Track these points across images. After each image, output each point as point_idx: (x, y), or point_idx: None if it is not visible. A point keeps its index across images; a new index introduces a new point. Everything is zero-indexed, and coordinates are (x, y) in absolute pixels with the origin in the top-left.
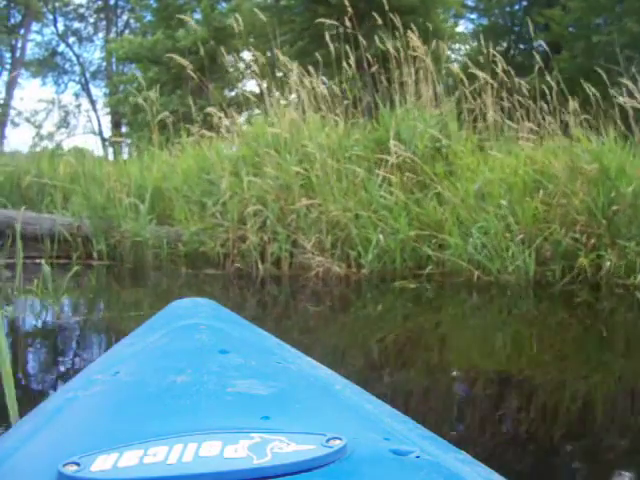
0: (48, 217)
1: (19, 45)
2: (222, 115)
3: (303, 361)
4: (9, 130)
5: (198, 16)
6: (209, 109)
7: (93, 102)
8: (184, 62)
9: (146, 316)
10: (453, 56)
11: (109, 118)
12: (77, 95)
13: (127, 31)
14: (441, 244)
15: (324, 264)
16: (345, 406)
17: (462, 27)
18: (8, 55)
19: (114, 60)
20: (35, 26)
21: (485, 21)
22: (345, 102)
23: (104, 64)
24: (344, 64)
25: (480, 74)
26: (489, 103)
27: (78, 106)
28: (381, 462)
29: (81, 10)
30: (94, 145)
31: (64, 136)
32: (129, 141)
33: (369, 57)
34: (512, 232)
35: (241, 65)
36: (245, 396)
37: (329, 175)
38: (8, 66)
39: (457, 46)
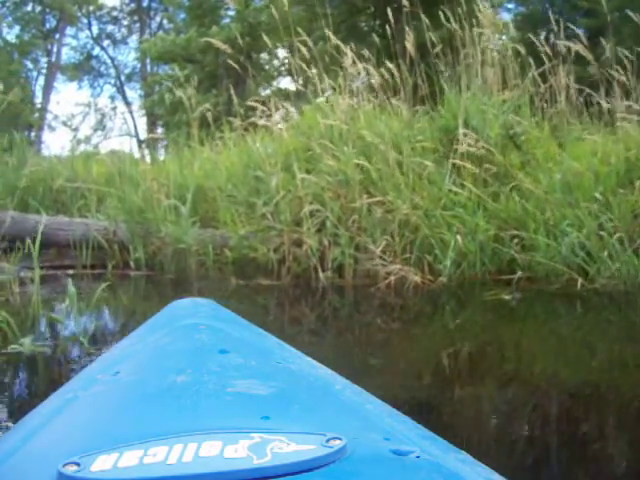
0: (81, 222)
1: (55, 49)
2: (270, 107)
3: (303, 361)
4: (46, 134)
5: (232, 12)
6: (251, 102)
7: (128, 104)
8: (221, 45)
9: None
10: (491, 46)
11: (145, 120)
12: (113, 98)
13: (160, 32)
14: (524, 245)
15: (397, 272)
16: (345, 406)
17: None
18: (44, 60)
19: (148, 62)
20: (70, 30)
21: (523, 9)
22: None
23: (139, 66)
24: (387, 53)
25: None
26: (563, 84)
27: (114, 109)
28: (381, 462)
29: (114, 13)
30: (130, 147)
31: (101, 139)
32: (166, 142)
33: (432, 37)
34: (607, 230)
35: (275, 62)
36: (245, 396)
37: (393, 168)
38: (44, 70)
39: (497, 36)
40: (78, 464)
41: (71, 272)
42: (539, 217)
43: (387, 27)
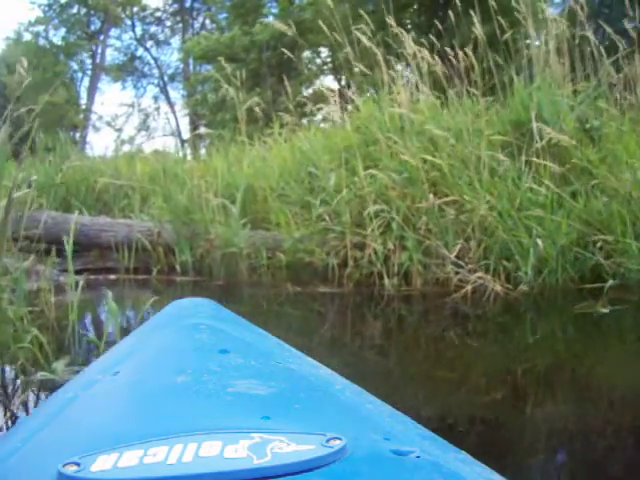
0: (124, 223)
1: (99, 51)
2: (333, 95)
3: (303, 361)
4: (91, 135)
5: (275, 10)
6: (301, 98)
7: (172, 104)
8: (282, 27)
9: None
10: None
11: (187, 120)
12: (156, 98)
13: (203, 32)
14: (611, 249)
15: (475, 280)
16: (345, 406)
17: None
18: (89, 61)
19: (191, 62)
20: (114, 32)
21: (571, 3)
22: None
23: (181, 66)
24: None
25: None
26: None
27: (157, 109)
28: (381, 462)
29: (158, 14)
30: (173, 147)
31: (144, 139)
32: (208, 141)
33: (502, 23)
34: None
35: (318, 60)
36: (245, 396)
37: (466, 164)
38: (89, 72)
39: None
40: (78, 464)
41: (113, 277)
42: (626, 218)
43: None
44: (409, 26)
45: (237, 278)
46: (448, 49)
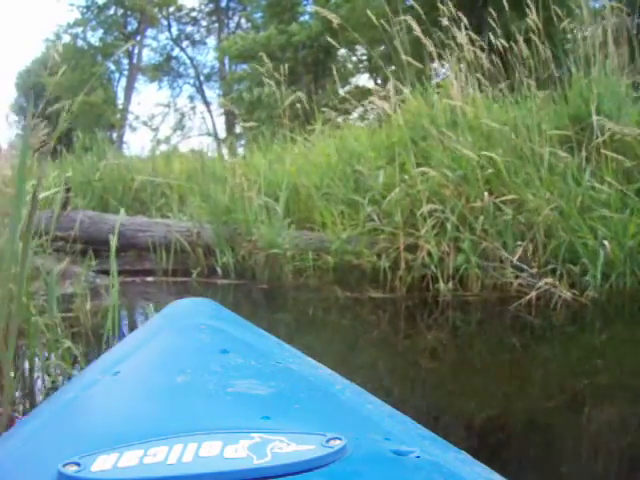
0: (162, 222)
1: (136, 51)
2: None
3: (303, 361)
4: (128, 134)
5: (311, 9)
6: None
7: (207, 104)
8: (332, 16)
9: None
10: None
11: (223, 119)
12: (192, 97)
13: (239, 31)
14: None
15: (541, 285)
16: (345, 406)
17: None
18: (126, 61)
19: (227, 61)
20: (150, 32)
21: None
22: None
23: (217, 66)
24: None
25: None
26: None
27: (193, 108)
28: (381, 462)
29: (193, 14)
30: (209, 146)
31: (180, 138)
32: (244, 140)
33: (558, 12)
34: None
35: (354, 59)
36: (245, 396)
37: (525, 161)
38: (126, 72)
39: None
40: (78, 464)
41: (151, 279)
42: None
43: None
44: (446, 22)
45: (281, 281)
46: (501, 41)
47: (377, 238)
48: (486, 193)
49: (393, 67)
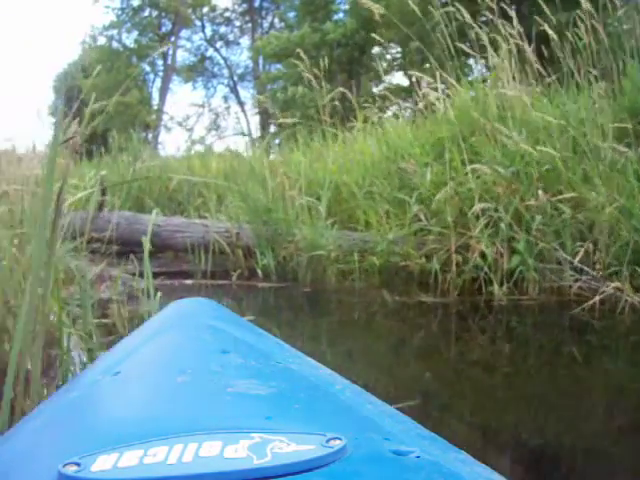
0: (200, 223)
1: (170, 52)
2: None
3: (303, 361)
4: (162, 135)
5: (345, 7)
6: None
7: (242, 104)
8: (375, 7)
9: None
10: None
11: (257, 119)
12: (226, 98)
13: (272, 31)
14: None
15: (605, 289)
16: (345, 406)
17: None
18: (160, 62)
19: (260, 61)
20: (184, 33)
21: None
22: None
23: (251, 66)
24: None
25: None
26: None
27: (227, 108)
28: (381, 462)
29: (227, 14)
30: (244, 146)
31: (214, 139)
32: (278, 140)
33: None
34: None
35: (388, 56)
36: (245, 396)
37: (581, 156)
38: (161, 73)
39: None
40: (78, 464)
41: (189, 282)
42: None
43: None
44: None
45: (325, 284)
46: (549, 32)
47: (425, 239)
48: (540, 191)
49: (427, 64)
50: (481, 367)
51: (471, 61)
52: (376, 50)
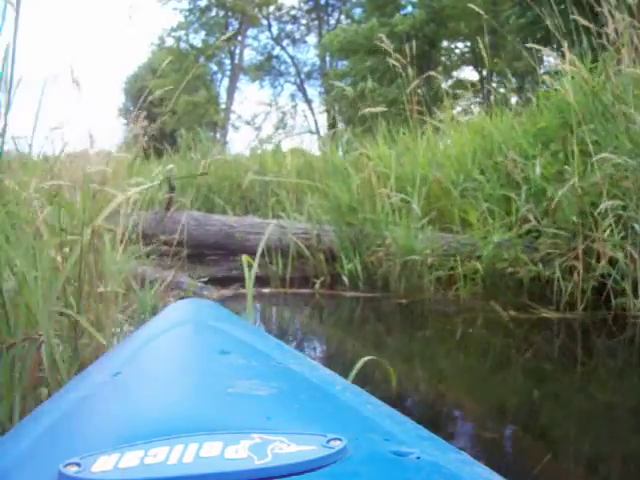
0: (276, 223)
1: (237, 51)
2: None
3: (303, 362)
4: (230, 134)
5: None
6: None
7: (309, 102)
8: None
9: None
10: None
11: (325, 116)
12: (293, 96)
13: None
14: None
15: None
16: (345, 407)
17: None
18: (228, 62)
19: (327, 59)
20: (251, 32)
21: None
22: None
23: (318, 63)
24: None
25: None
26: None
27: (294, 107)
28: (381, 463)
29: (293, 12)
30: (313, 143)
31: (282, 137)
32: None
33: None
34: None
35: (457, 51)
36: (246, 397)
37: None
38: (228, 72)
39: None
40: (79, 464)
41: (267, 290)
42: None
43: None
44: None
45: (422, 294)
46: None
47: (535, 242)
48: None
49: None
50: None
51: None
52: (446, 44)
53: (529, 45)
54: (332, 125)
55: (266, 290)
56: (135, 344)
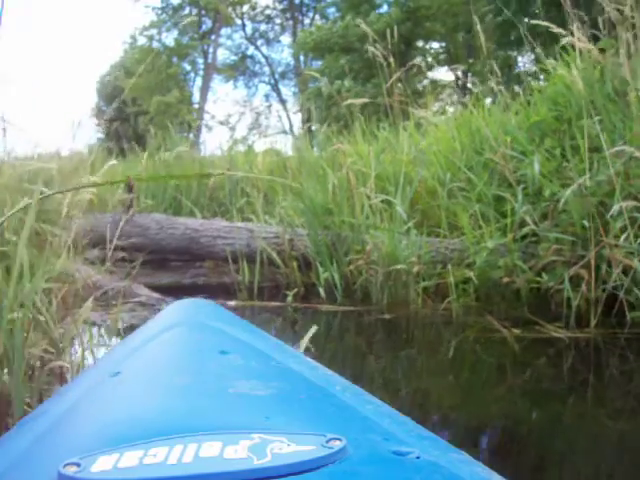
0: (244, 227)
1: (211, 51)
2: None
3: (303, 362)
4: (204, 135)
5: None
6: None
7: (283, 102)
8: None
9: None
10: None
11: (299, 117)
12: (267, 96)
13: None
14: None
15: None
16: (345, 407)
17: None
18: (201, 61)
19: (302, 58)
20: (225, 31)
21: None
22: None
23: (292, 63)
24: None
25: None
26: None
27: (269, 107)
28: (381, 463)
29: (267, 12)
30: (285, 146)
31: (256, 137)
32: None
33: None
34: None
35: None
36: (245, 397)
37: None
38: (201, 72)
39: None
40: (78, 464)
41: (233, 303)
42: None
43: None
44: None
45: (408, 308)
46: None
47: (533, 248)
48: None
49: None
50: None
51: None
52: (421, 44)
53: (544, 23)
54: (307, 121)
55: (232, 303)
56: (134, 344)
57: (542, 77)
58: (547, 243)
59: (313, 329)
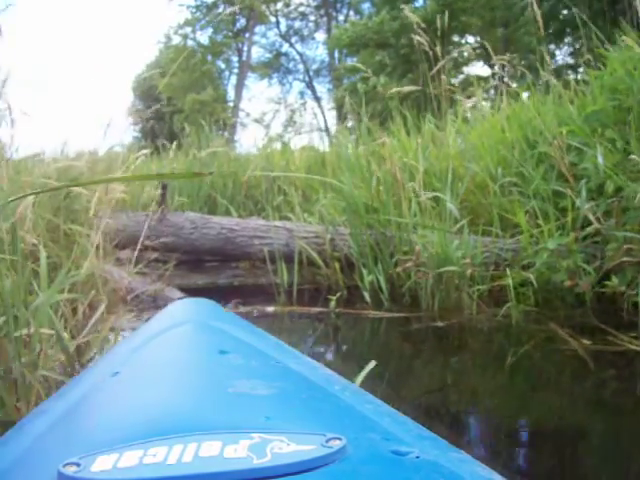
0: (282, 225)
1: (245, 48)
2: None
3: (303, 362)
4: (239, 133)
5: None
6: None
7: (318, 99)
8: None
9: None
10: None
11: (334, 113)
12: (302, 93)
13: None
14: None
15: None
16: (345, 406)
17: None
18: (235, 59)
19: (336, 55)
20: (259, 29)
21: None
22: None
23: (327, 60)
24: None
25: None
26: None
27: (303, 104)
28: (381, 462)
29: (301, 9)
30: (321, 143)
31: (291, 135)
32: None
33: None
34: None
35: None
36: (245, 396)
37: None
38: (236, 70)
39: None
40: (78, 464)
41: (271, 309)
42: None
43: None
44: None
45: (461, 313)
46: None
47: (595, 248)
48: None
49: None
50: None
51: None
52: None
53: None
54: (343, 117)
55: (270, 309)
56: (134, 344)
57: (581, 69)
58: (616, 243)
59: (371, 364)
